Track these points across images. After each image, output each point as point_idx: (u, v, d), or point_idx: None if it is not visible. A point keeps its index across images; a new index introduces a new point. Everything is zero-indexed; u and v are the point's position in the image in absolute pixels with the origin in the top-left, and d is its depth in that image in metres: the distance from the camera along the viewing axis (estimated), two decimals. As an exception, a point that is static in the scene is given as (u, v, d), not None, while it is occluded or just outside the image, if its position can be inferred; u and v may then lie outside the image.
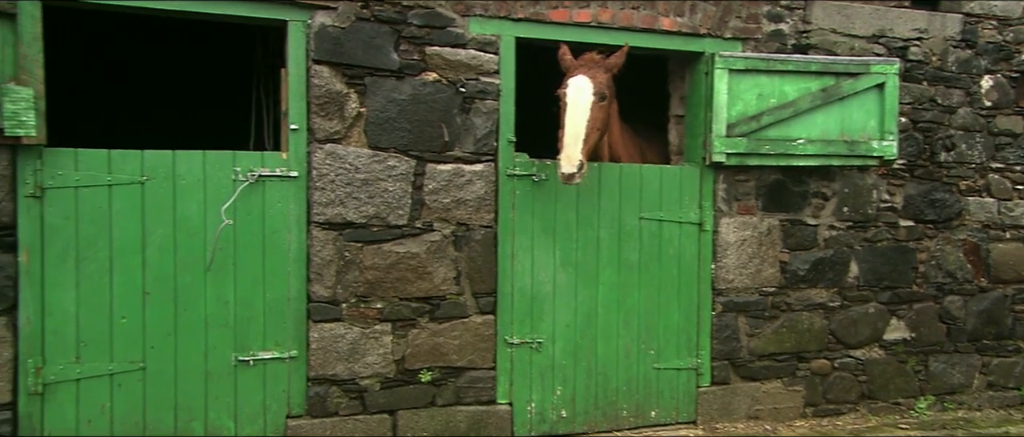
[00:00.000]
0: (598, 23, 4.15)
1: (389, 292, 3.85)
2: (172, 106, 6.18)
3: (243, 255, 3.63)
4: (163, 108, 6.16)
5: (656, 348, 4.37)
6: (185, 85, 6.23)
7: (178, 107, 6.18)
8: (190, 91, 6.22)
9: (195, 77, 6.21)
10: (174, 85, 6.22)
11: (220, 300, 3.60)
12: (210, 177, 3.57)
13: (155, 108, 6.15)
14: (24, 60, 3.14)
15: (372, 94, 3.77)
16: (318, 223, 3.71)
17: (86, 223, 3.38)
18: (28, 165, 3.27)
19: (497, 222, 4.04)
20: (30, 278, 3.29)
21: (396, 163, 3.82)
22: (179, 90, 6.22)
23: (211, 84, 6.13)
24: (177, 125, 5.88)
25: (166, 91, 6.21)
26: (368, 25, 3.75)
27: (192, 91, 6.21)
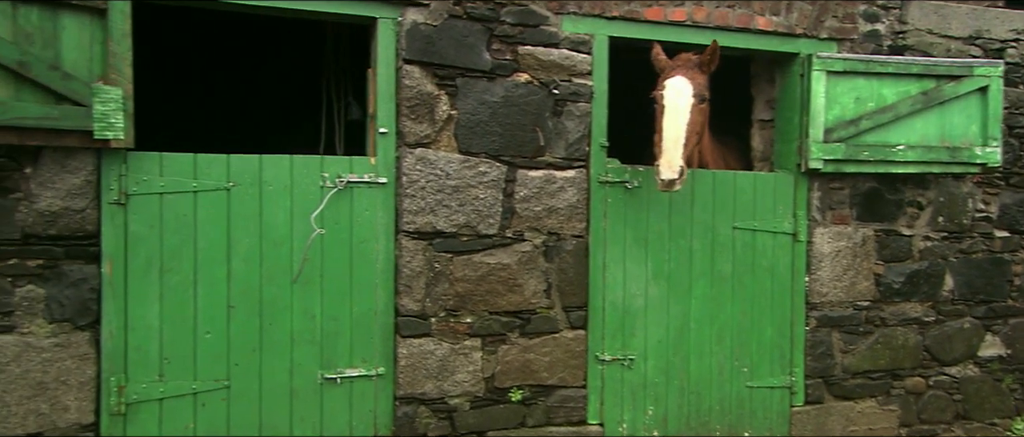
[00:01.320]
0: (693, 22, 4.08)
1: (479, 306, 3.77)
2: (233, 107, 6.05)
3: (330, 266, 3.55)
4: (223, 109, 6.04)
5: (749, 365, 4.29)
6: (248, 85, 6.11)
7: (240, 108, 6.06)
8: (253, 92, 6.10)
9: (260, 78, 6.08)
10: (237, 86, 6.09)
11: (306, 314, 3.51)
12: (297, 183, 3.48)
13: (215, 109, 6.04)
14: (113, 58, 3.06)
15: (463, 96, 3.70)
16: (407, 232, 3.63)
17: (170, 232, 3.29)
18: (112, 170, 3.19)
19: (588, 232, 3.96)
20: (113, 290, 3.20)
21: (487, 169, 3.74)
22: (242, 91, 6.10)
23: (276, 85, 6.01)
24: (238, 127, 5.78)
25: (227, 92, 6.09)
26: (460, 23, 3.68)
27: (255, 92, 6.09)
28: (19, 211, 3.03)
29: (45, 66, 2.92)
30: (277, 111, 5.76)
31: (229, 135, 5.06)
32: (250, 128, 5.51)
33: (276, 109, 5.83)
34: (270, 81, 6.03)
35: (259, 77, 6.06)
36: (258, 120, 5.71)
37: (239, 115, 5.95)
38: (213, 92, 6.06)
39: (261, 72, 6.06)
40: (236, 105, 6.02)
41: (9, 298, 3.01)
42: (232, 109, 5.99)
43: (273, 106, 5.93)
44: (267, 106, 5.96)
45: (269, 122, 5.40)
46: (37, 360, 3.06)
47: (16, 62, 2.85)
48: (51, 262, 3.08)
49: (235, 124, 5.79)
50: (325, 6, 3.50)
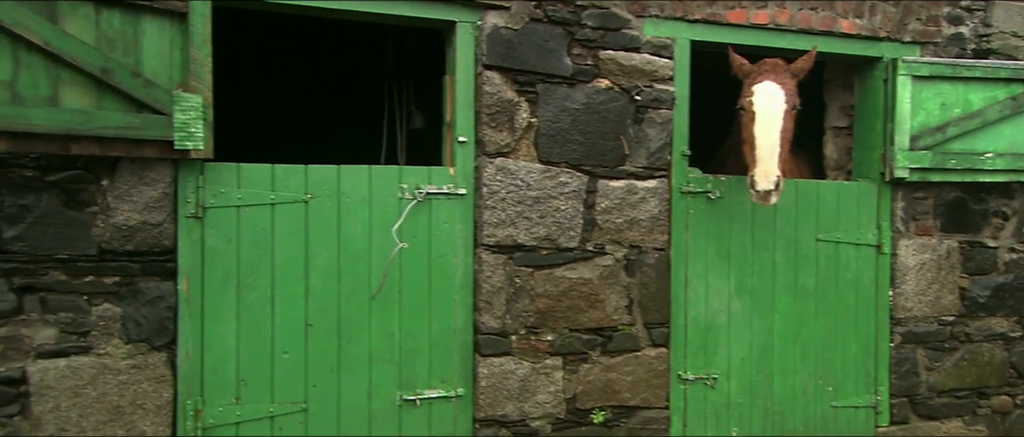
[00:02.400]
0: (776, 25, 4.03)
1: (560, 322, 3.69)
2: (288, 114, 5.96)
3: (408, 281, 3.48)
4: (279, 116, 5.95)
5: (834, 384, 4.21)
6: (303, 92, 6.02)
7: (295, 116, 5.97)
8: (309, 99, 6.01)
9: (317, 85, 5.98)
10: (293, 92, 5.99)
11: (385, 332, 3.44)
12: (375, 195, 3.42)
13: (270, 115, 5.94)
14: (194, 64, 3.00)
15: (544, 103, 3.64)
16: (487, 246, 3.56)
17: (248, 246, 3.22)
18: (189, 182, 3.12)
19: (670, 244, 3.88)
20: (190, 308, 3.13)
21: (568, 179, 3.68)
22: (298, 98, 6.00)
23: (333, 93, 5.93)
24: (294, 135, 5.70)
25: (282, 98, 6.00)
26: (541, 27, 3.63)
27: (311, 100, 6.00)
28: (96, 226, 2.96)
29: (127, 73, 2.86)
30: (333, 119, 5.69)
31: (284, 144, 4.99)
32: (308, 137, 5.44)
33: (332, 117, 5.76)
34: (327, 88, 5.95)
35: (316, 84, 5.98)
36: (315, 128, 5.63)
37: (294, 122, 5.87)
38: (269, 98, 5.99)
39: (317, 79, 5.98)
40: (290, 112, 5.93)
41: (86, 317, 2.94)
42: (287, 116, 5.90)
43: (330, 114, 5.85)
44: (324, 114, 5.88)
45: (326, 130, 5.33)
46: (114, 383, 2.98)
47: (100, 69, 2.79)
48: (127, 279, 3.01)
49: (291, 132, 5.72)
50: (403, 9, 3.45)
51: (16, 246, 2.85)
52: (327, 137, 5.16)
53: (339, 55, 5.71)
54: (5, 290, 2.84)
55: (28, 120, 2.65)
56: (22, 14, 2.62)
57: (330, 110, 5.85)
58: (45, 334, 2.89)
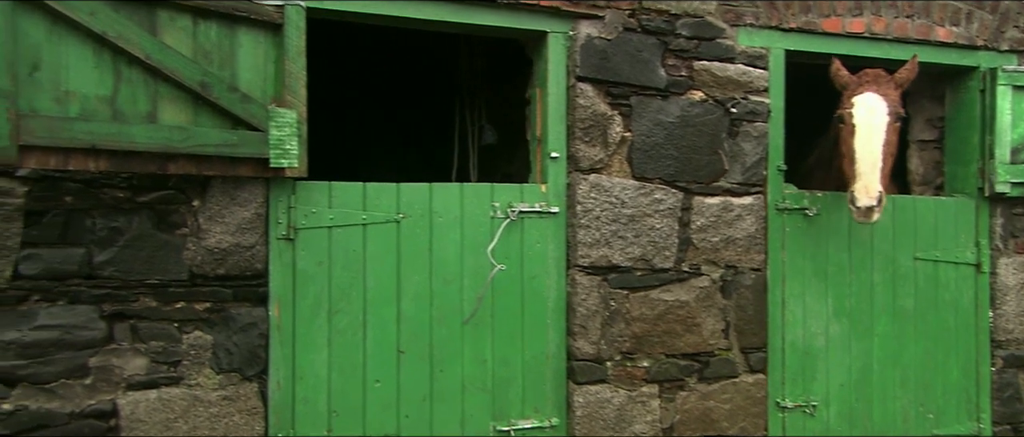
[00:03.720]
0: (871, 34, 3.98)
1: (656, 348, 3.61)
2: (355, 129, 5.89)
3: (500, 305, 3.41)
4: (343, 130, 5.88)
5: (935, 411, 4.12)
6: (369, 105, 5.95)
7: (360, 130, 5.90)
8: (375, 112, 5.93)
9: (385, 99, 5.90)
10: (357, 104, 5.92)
11: (477, 359, 3.37)
12: (467, 214, 3.36)
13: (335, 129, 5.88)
14: (289, 78, 2.95)
15: (638, 116, 3.58)
16: (581, 267, 3.49)
17: (339, 269, 3.15)
18: (280, 202, 3.06)
19: (767, 264, 3.81)
20: (281, 336, 3.06)
21: (662, 196, 3.61)
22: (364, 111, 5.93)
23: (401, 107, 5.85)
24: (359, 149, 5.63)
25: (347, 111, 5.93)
26: (635, 37, 3.58)
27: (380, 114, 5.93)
28: (187, 248, 2.90)
29: (225, 87, 2.81)
30: (399, 133, 5.64)
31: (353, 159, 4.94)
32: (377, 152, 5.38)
33: (397, 131, 5.70)
34: (394, 102, 5.88)
35: (382, 98, 5.92)
36: (382, 143, 5.58)
37: (360, 136, 5.81)
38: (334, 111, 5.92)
39: (384, 92, 5.92)
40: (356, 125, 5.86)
41: (177, 346, 2.87)
42: (353, 129, 5.84)
43: (395, 129, 5.80)
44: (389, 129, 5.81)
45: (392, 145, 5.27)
46: (205, 415, 2.91)
47: (198, 83, 2.73)
48: (219, 305, 2.95)
49: (358, 147, 5.66)
50: (493, 19, 3.41)
51: (107, 271, 2.79)
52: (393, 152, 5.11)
53: (408, 69, 5.65)
54: (96, 318, 2.77)
55: (130, 138, 2.59)
56: (125, 26, 2.57)
57: (395, 124, 5.80)
58: (136, 364, 2.82)
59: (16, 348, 2.66)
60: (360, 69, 5.73)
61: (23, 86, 2.40)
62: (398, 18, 3.26)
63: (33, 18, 2.42)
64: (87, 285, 2.76)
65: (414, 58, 5.34)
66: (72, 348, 2.73)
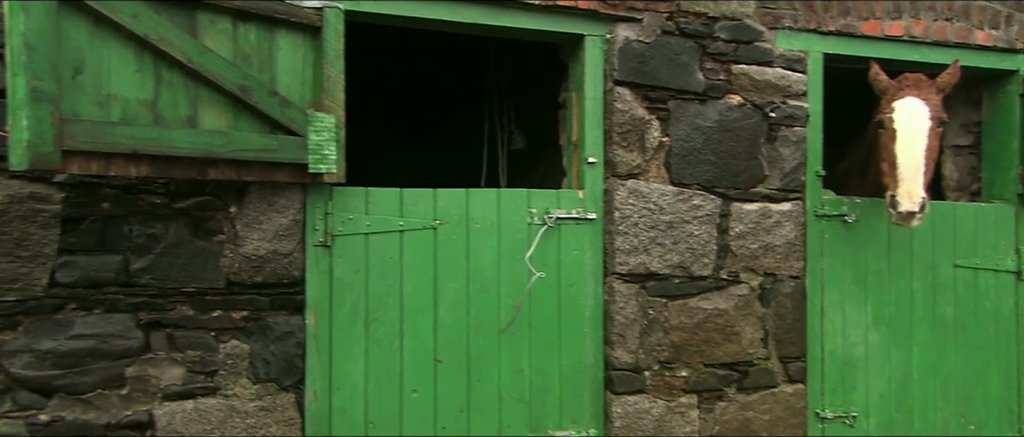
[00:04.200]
0: (910, 37, 3.97)
1: (695, 357, 3.58)
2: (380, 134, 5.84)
3: (537, 313, 3.38)
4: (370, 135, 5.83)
5: (976, 422, 4.08)
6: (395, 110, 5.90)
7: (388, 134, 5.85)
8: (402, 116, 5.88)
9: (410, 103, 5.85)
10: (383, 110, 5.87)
11: (514, 368, 3.33)
12: (504, 220, 3.33)
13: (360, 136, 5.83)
14: (327, 82, 2.93)
15: (676, 121, 3.56)
16: (619, 274, 3.46)
17: (376, 277, 3.13)
18: (317, 208, 3.03)
19: (805, 272, 3.77)
20: (318, 344, 3.03)
21: (701, 202, 3.59)
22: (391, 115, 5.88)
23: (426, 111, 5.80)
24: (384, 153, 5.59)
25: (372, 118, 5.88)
26: (673, 39, 3.56)
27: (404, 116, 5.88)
28: (224, 256, 2.87)
29: (265, 91, 2.78)
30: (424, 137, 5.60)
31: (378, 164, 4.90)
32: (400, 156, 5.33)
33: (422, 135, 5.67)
34: (421, 106, 5.84)
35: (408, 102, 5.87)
36: (408, 147, 5.54)
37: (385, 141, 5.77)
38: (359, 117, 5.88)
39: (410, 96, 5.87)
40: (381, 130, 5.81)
41: (214, 355, 2.84)
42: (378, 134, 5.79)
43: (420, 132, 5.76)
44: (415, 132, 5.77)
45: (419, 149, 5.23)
46: (241, 427, 2.87)
47: (238, 87, 2.71)
48: (256, 314, 2.92)
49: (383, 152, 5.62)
50: (529, 22, 3.39)
51: (144, 279, 2.76)
52: (420, 156, 5.07)
53: (435, 72, 5.62)
54: (132, 327, 2.74)
55: (171, 142, 2.56)
56: (167, 29, 2.55)
57: (421, 128, 5.76)
58: (172, 374, 2.79)
59: (53, 357, 2.63)
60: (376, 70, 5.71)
61: (66, 90, 2.37)
62: (435, 21, 3.24)
63: (76, 20, 2.39)
64: (124, 293, 2.73)
65: (440, 61, 5.32)
66: (108, 358, 2.70)
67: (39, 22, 2.29)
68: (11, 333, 2.59)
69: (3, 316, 2.58)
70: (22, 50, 2.27)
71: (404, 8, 3.16)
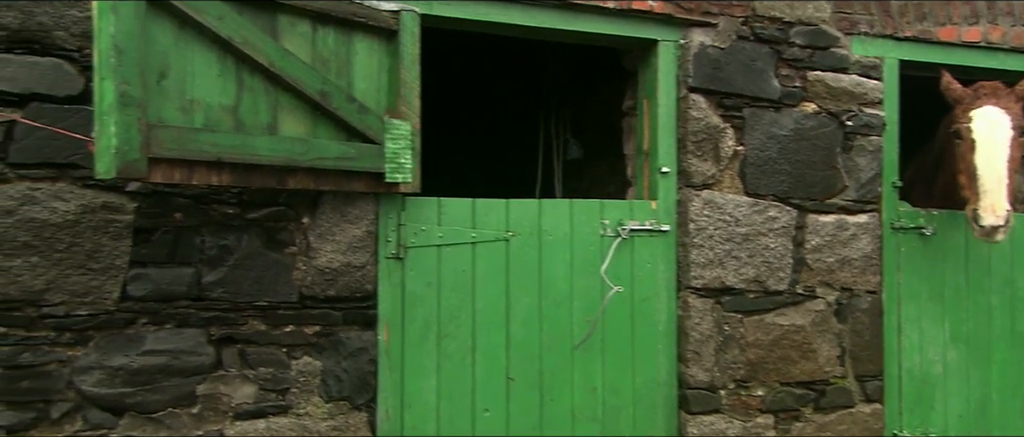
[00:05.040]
0: (987, 43, 3.91)
1: (771, 375, 3.51)
2: None
3: (611, 329, 3.32)
4: None
5: (1056, 443, 3.98)
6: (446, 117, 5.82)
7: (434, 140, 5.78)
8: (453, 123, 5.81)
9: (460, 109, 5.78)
10: None
11: (587, 386, 3.27)
12: (576, 232, 3.26)
13: None
14: (403, 87, 2.88)
15: (751, 129, 3.50)
16: (694, 289, 3.39)
17: (448, 290, 3.06)
18: (390, 219, 2.98)
19: (882, 287, 3.70)
20: (390, 361, 2.97)
21: (776, 214, 3.52)
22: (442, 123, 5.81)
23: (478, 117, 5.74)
24: None
25: None
26: (748, 45, 3.50)
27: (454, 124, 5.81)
28: (297, 268, 2.81)
29: (343, 97, 2.73)
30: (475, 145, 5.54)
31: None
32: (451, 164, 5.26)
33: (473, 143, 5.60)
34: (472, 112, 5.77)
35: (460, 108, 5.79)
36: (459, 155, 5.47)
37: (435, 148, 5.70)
38: None
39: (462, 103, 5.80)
40: None
41: (285, 373, 2.77)
42: None
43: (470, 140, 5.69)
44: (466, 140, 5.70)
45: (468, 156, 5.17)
46: (313, 447, 2.80)
47: (318, 92, 2.65)
48: (328, 329, 2.85)
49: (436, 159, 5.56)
50: (602, 27, 3.34)
51: (216, 292, 2.70)
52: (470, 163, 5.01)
53: (488, 79, 5.56)
54: (204, 342, 2.68)
55: (253, 150, 2.50)
56: (250, 31, 2.49)
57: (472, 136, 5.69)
58: (244, 392, 2.72)
59: (124, 374, 2.56)
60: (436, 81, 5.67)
61: (152, 95, 2.31)
62: (509, 25, 3.20)
63: (163, 23, 2.34)
64: (196, 307, 2.67)
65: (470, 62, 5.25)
66: (180, 375, 2.63)
67: (128, 24, 2.24)
68: (82, 349, 2.53)
69: (74, 331, 2.52)
70: (111, 53, 2.21)
71: (477, 11, 3.11)
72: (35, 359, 2.47)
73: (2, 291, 2.44)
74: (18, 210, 2.45)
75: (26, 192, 2.46)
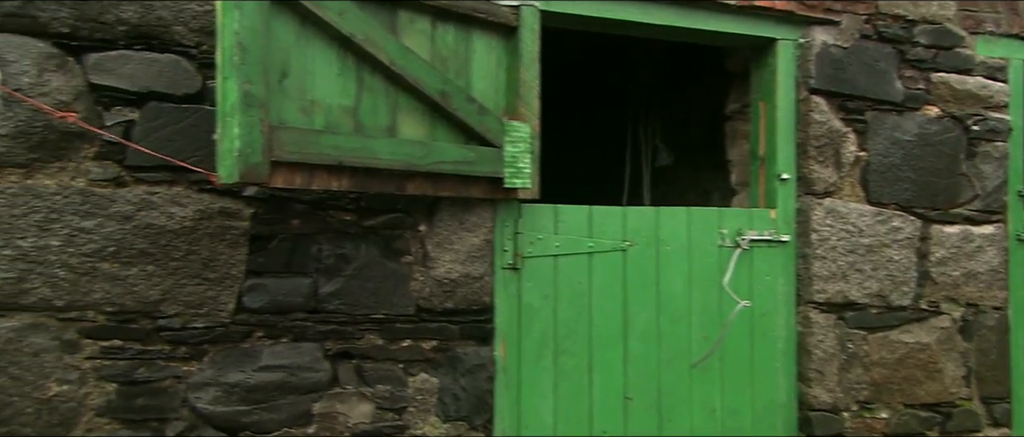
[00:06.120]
0: (1118, 44, 3.71)
1: (895, 397, 3.35)
2: None
3: (729, 346, 3.18)
4: None
5: None
6: None
7: None
8: None
9: None
10: None
11: (706, 407, 3.13)
12: (694, 242, 3.13)
13: None
14: (522, 87, 2.76)
15: (873, 134, 3.36)
16: (816, 303, 3.24)
17: (565, 303, 2.94)
18: (506, 227, 2.86)
19: (1009, 302, 3.53)
20: (507, 378, 2.84)
21: (900, 224, 3.37)
22: None
23: None
24: None
25: None
26: (871, 45, 3.36)
27: None
28: (414, 279, 2.69)
29: (462, 97, 2.62)
30: None
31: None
32: None
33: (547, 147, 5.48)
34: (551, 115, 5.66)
35: None
36: None
37: None
38: None
39: None
40: None
41: (403, 390, 2.65)
42: None
43: None
44: None
45: None
46: (430, 470, 2.67)
47: (438, 92, 2.55)
48: (445, 344, 2.73)
49: None
50: (720, 25, 3.21)
51: (333, 304, 2.58)
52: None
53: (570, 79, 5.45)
54: (321, 357, 2.57)
55: (374, 154, 2.40)
56: (371, 28, 2.39)
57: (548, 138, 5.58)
58: (360, 411, 2.61)
59: (240, 392, 2.45)
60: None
61: (273, 95, 2.21)
62: (625, 23, 3.07)
63: (284, 19, 2.24)
64: (312, 320, 2.56)
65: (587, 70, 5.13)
66: (297, 392, 2.52)
67: (252, 20, 2.15)
68: (197, 364, 2.43)
69: (189, 345, 2.42)
70: (235, 50, 2.12)
71: (596, 8, 2.99)
72: (151, 374, 2.37)
73: (118, 302, 2.34)
74: (136, 215, 2.36)
75: (144, 196, 2.37)
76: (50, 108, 2.19)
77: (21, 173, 2.25)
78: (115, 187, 2.35)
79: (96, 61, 2.33)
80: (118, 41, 2.36)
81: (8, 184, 2.23)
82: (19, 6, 2.24)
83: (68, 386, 2.28)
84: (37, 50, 2.26)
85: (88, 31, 2.33)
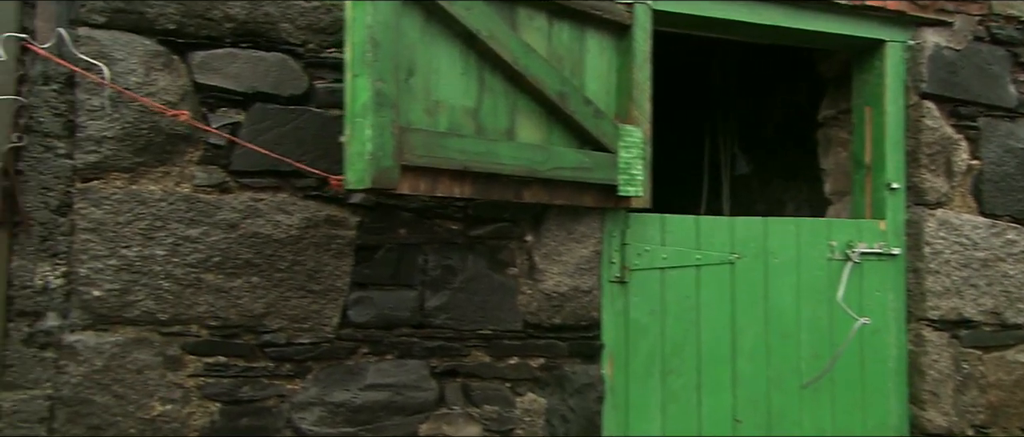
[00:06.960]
0: None
1: (1012, 420, 3.21)
2: None
3: (839, 365, 3.04)
4: None
5: None
6: None
7: None
8: None
9: None
10: None
11: (817, 430, 3.01)
12: (803, 255, 3.00)
13: None
14: (635, 89, 2.65)
15: (986, 141, 3.23)
16: (929, 320, 3.11)
17: (673, 319, 2.82)
18: (613, 238, 2.74)
19: (1126, 320, 3.38)
20: (614, 397, 2.72)
21: (1015, 237, 3.25)
22: None
23: None
24: None
25: None
26: (984, 47, 3.24)
27: None
28: (521, 292, 2.57)
29: (579, 99, 2.51)
30: None
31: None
32: None
33: None
34: None
35: None
36: None
37: None
38: None
39: None
40: None
41: (510, 411, 2.53)
42: None
43: None
44: None
45: None
46: (538, 497, 2.55)
47: (557, 94, 2.43)
48: (552, 361, 2.62)
49: None
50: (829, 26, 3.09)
51: (439, 318, 2.47)
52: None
53: None
54: (427, 375, 2.45)
55: (497, 158, 2.28)
56: (496, 24, 2.28)
57: None
58: (468, 433, 2.49)
59: (345, 412, 2.34)
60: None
61: (401, 94, 2.10)
62: (735, 24, 2.96)
63: (411, 14, 2.13)
64: (418, 336, 2.44)
65: None
66: (403, 413, 2.40)
67: (385, 14, 2.04)
68: (300, 382, 2.31)
69: (294, 362, 2.30)
70: (368, 46, 2.01)
71: (706, 8, 2.88)
72: (254, 393, 2.25)
73: (222, 315, 2.23)
74: (241, 224, 2.25)
75: (249, 203, 2.26)
76: (162, 106, 2.08)
77: (126, 178, 2.14)
78: (220, 193, 2.24)
79: (202, 59, 2.23)
80: (224, 39, 2.26)
81: (113, 189, 2.13)
82: (126, 2, 2.14)
83: (172, 405, 2.16)
84: (144, 48, 2.16)
85: (194, 28, 2.22)
